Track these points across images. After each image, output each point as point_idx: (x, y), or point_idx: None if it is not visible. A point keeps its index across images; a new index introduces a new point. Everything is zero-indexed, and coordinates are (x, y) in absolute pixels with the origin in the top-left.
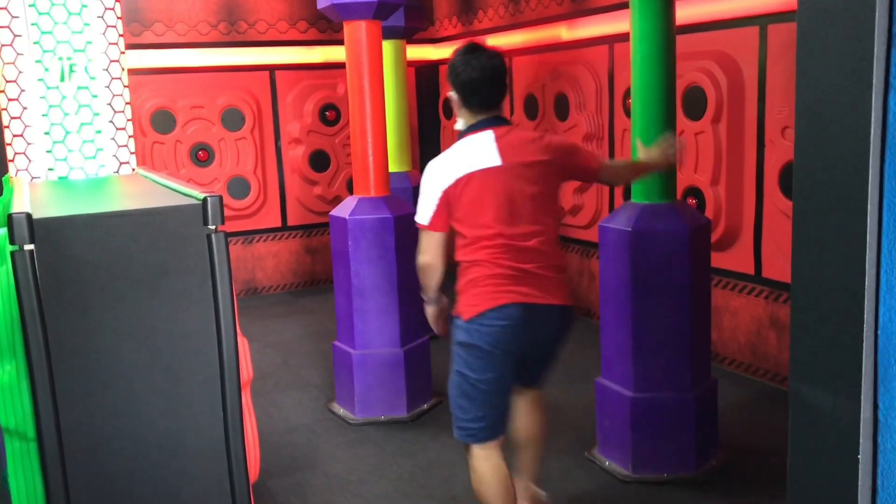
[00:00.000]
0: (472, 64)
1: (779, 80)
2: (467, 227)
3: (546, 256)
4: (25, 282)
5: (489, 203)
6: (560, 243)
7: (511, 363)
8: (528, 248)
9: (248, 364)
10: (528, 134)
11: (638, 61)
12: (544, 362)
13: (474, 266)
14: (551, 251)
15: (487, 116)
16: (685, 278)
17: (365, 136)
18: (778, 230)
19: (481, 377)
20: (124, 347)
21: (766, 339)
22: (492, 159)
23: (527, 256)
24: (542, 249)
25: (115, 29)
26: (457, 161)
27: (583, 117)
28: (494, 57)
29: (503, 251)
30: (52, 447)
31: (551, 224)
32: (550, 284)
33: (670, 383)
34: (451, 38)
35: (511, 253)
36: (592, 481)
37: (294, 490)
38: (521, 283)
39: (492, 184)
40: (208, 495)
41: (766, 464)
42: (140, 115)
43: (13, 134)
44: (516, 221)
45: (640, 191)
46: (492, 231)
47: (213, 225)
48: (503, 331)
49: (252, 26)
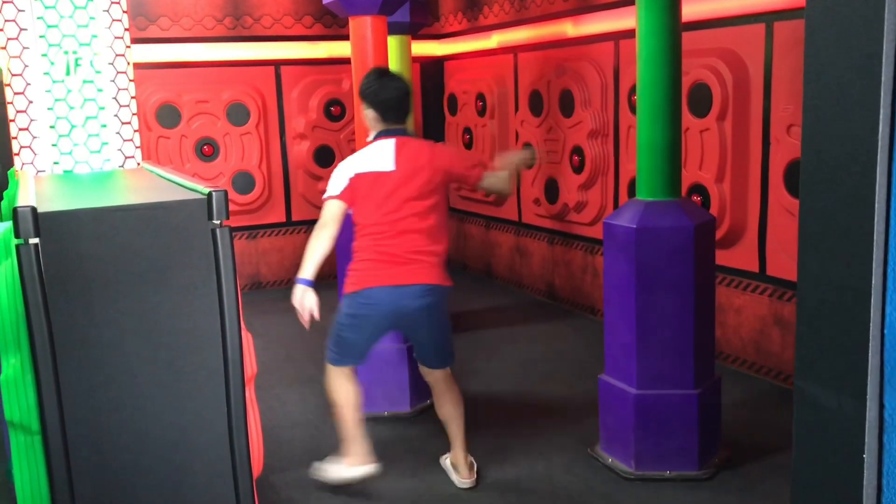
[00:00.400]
0: (388, 86)
1: (785, 77)
2: (359, 214)
3: (418, 242)
4: (30, 275)
5: (377, 199)
6: (445, 233)
7: (375, 332)
8: (403, 238)
9: (252, 359)
10: (423, 145)
11: (644, 58)
12: (429, 338)
13: (358, 251)
14: (426, 238)
15: (395, 127)
16: (689, 276)
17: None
18: (783, 228)
19: (357, 337)
20: (128, 341)
21: (770, 338)
22: (388, 164)
23: (401, 244)
24: (416, 238)
25: (121, 23)
26: (365, 160)
27: (588, 114)
28: (402, 80)
29: (380, 240)
30: (56, 440)
31: (432, 217)
32: (421, 267)
33: (674, 381)
34: (457, 33)
35: (386, 241)
36: (595, 478)
37: (297, 485)
38: (390, 267)
39: (383, 183)
40: (212, 489)
41: (770, 462)
42: (145, 110)
43: (19, 127)
44: (398, 216)
45: (645, 188)
46: (373, 221)
47: (217, 220)
48: (370, 308)
49: (257, 21)
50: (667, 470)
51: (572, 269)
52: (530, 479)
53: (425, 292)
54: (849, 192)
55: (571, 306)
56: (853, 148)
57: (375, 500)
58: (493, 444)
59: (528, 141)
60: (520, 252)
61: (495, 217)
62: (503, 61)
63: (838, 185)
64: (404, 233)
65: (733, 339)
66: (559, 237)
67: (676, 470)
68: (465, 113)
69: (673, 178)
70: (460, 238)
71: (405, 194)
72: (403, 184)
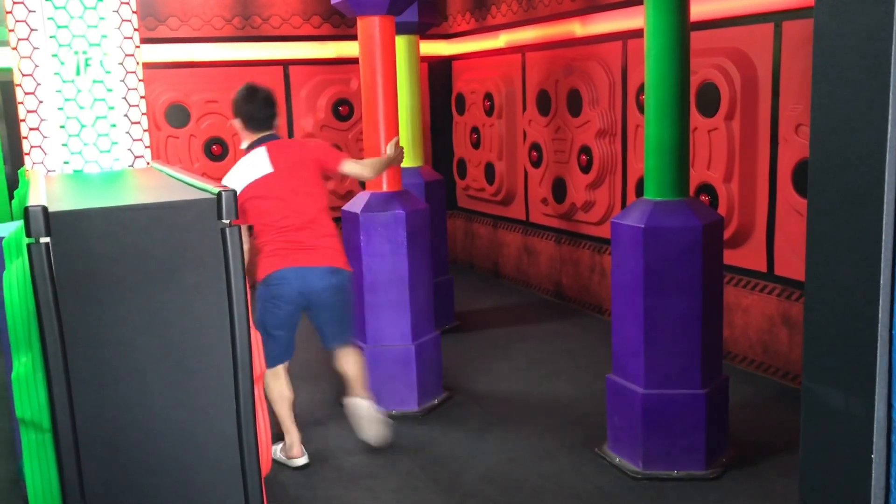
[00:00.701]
0: (250, 98)
1: (793, 77)
2: (254, 219)
3: (315, 230)
4: (41, 274)
5: (269, 199)
6: (329, 217)
7: (290, 310)
8: (299, 227)
9: (260, 358)
10: (293, 143)
11: (652, 57)
12: (330, 317)
13: (264, 245)
14: (320, 226)
15: (263, 135)
16: (698, 275)
17: (378, 131)
18: (791, 228)
19: (276, 322)
20: (138, 340)
21: (778, 337)
22: (266, 168)
23: (299, 233)
24: (311, 226)
25: (130, 23)
26: (243, 173)
27: (596, 113)
28: (266, 91)
29: (280, 232)
30: (66, 438)
31: (319, 205)
32: (317, 252)
33: (682, 380)
34: (465, 33)
35: (286, 233)
36: (602, 478)
37: (305, 483)
38: (295, 252)
39: (270, 185)
40: (221, 487)
41: (777, 462)
42: (154, 110)
43: (29, 127)
44: (290, 209)
45: (653, 187)
46: (271, 219)
47: (227, 219)
48: (281, 287)
49: (266, 21)
50: (674, 469)
51: (580, 268)
52: (538, 479)
53: (329, 273)
54: (857, 192)
55: (579, 306)
56: (862, 148)
57: (384, 497)
58: (500, 443)
59: (537, 140)
60: (527, 251)
61: (503, 216)
62: (511, 61)
63: (847, 184)
64: (304, 224)
65: (741, 339)
66: (567, 237)
67: (684, 469)
68: (473, 112)
69: (681, 177)
70: (468, 237)
71: (291, 188)
72: (287, 179)
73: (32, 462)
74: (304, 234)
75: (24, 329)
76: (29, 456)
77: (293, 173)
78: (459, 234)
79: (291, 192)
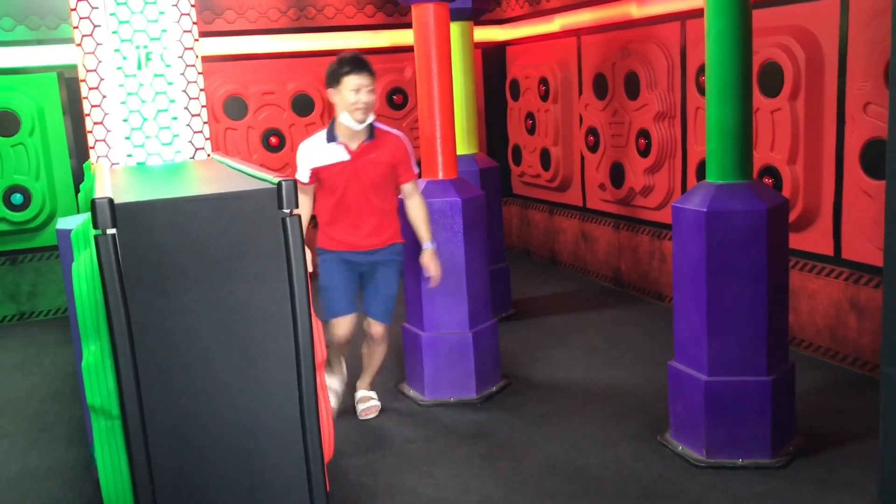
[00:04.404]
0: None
1: (861, 53)
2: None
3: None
4: (108, 265)
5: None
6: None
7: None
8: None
9: (322, 345)
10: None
11: (713, 37)
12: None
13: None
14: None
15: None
16: (762, 260)
17: (433, 119)
18: (859, 210)
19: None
20: (203, 329)
21: (846, 323)
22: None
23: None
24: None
25: (189, 17)
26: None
27: (654, 96)
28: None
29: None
30: (135, 425)
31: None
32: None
33: (746, 367)
34: (519, 18)
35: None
36: (665, 466)
37: (366, 469)
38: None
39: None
40: (284, 473)
41: (847, 450)
42: (213, 102)
43: (94, 122)
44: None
45: (716, 170)
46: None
47: (287, 209)
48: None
49: (320, 12)
50: (739, 458)
51: (639, 254)
52: (599, 467)
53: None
54: None
55: (638, 292)
56: None
57: (443, 484)
58: (559, 431)
59: (593, 125)
60: (585, 238)
61: (559, 203)
62: (566, 45)
63: None
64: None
65: (807, 325)
66: (625, 222)
67: (749, 458)
68: (528, 98)
69: (744, 159)
70: (524, 224)
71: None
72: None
73: (103, 448)
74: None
75: (93, 318)
76: (99, 442)
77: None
78: (515, 222)
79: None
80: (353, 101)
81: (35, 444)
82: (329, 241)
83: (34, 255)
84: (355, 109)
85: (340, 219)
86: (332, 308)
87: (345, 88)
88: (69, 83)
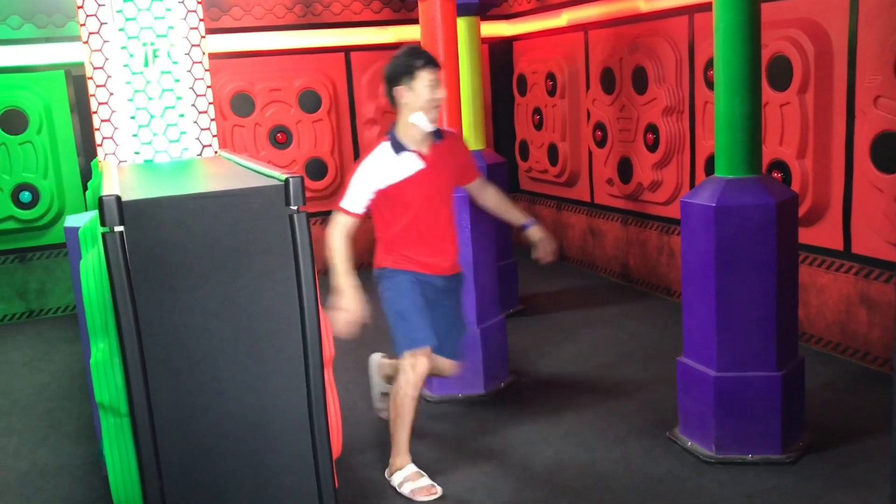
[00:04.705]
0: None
1: (871, 46)
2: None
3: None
4: (116, 262)
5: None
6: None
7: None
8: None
9: (330, 342)
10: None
11: (721, 31)
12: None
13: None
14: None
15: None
16: (772, 255)
17: (440, 115)
18: (869, 204)
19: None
20: (211, 325)
21: (856, 318)
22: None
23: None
24: None
25: (195, 14)
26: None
27: (662, 90)
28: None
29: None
30: (143, 421)
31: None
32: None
33: (755, 362)
34: (526, 13)
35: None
36: (674, 461)
37: (375, 466)
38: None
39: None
40: (293, 469)
41: (857, 446)
42: (220, 99)
43: (101, 119)
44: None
45: (724, 164)
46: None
47: (294, 205)
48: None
49: (327, 8)
50: (749, 454)
51: (647, 249)
52: (608, 463)
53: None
54: None
55: (647, 287)
56: None
57: (453, 479)
58: (568, 427)
59: (601, 120)
60: (592, 233)
61: (567, 198)
62: (573, 39)
63: None
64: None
65: (816, 320)
66: (633, 217)
67: (759, 454)
68: (535, 93)
69: (753, 154)
70: None
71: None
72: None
73: (111, 444)
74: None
75: (101, 316)
76: (108, 438)
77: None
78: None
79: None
80: (429, 98)
81: (44, 441)
82: (404, 261)
83: (42, 253)
84: (432, 107)
85: (417, 240)
86: (416, 335)
87: (420, 84)
88: (76, 81)
